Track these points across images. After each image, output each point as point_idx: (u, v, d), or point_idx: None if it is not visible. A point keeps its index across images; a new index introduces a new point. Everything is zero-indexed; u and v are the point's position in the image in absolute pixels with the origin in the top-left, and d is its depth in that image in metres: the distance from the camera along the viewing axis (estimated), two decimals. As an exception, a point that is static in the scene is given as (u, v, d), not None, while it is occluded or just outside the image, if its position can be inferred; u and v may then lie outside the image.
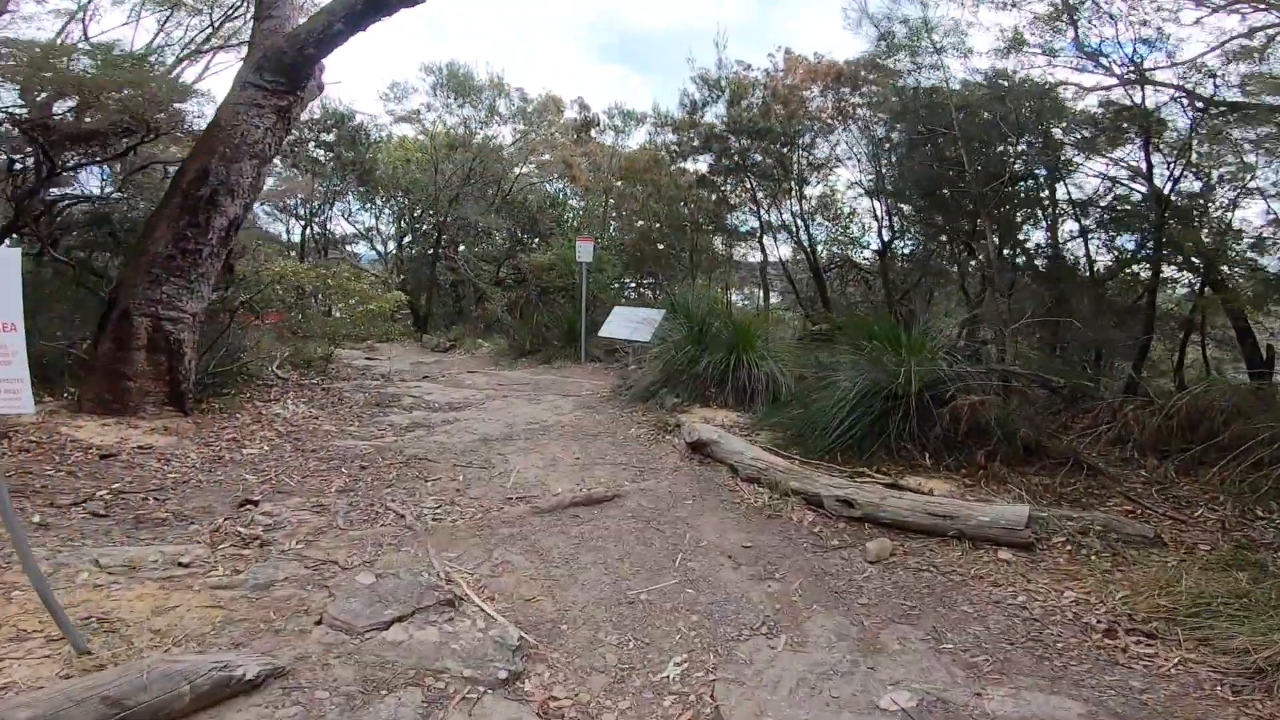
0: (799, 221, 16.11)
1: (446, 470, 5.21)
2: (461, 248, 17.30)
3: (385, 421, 6.72)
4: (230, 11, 10.21)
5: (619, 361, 11.26)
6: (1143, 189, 7.88)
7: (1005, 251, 8.64)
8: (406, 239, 20.86)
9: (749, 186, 14.74)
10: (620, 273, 15.42)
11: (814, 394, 5.94)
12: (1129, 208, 8.09)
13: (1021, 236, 9.33)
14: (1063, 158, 8.13)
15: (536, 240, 17.81)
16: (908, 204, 12.18)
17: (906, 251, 15.09)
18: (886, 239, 14.06)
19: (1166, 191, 7.47)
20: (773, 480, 4.71)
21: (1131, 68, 7.46)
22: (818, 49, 15.17)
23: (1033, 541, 4.04)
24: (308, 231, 20.54)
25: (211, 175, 5.99)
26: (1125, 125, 7.58)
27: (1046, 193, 9.09)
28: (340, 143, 18.58)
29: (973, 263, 10.25)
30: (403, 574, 3.40)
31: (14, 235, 7.73)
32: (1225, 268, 7.29)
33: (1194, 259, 7.38)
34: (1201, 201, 7.66)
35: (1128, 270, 8.34)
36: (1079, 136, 8.00)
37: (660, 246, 17.37)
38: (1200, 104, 7.04)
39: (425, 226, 18.80)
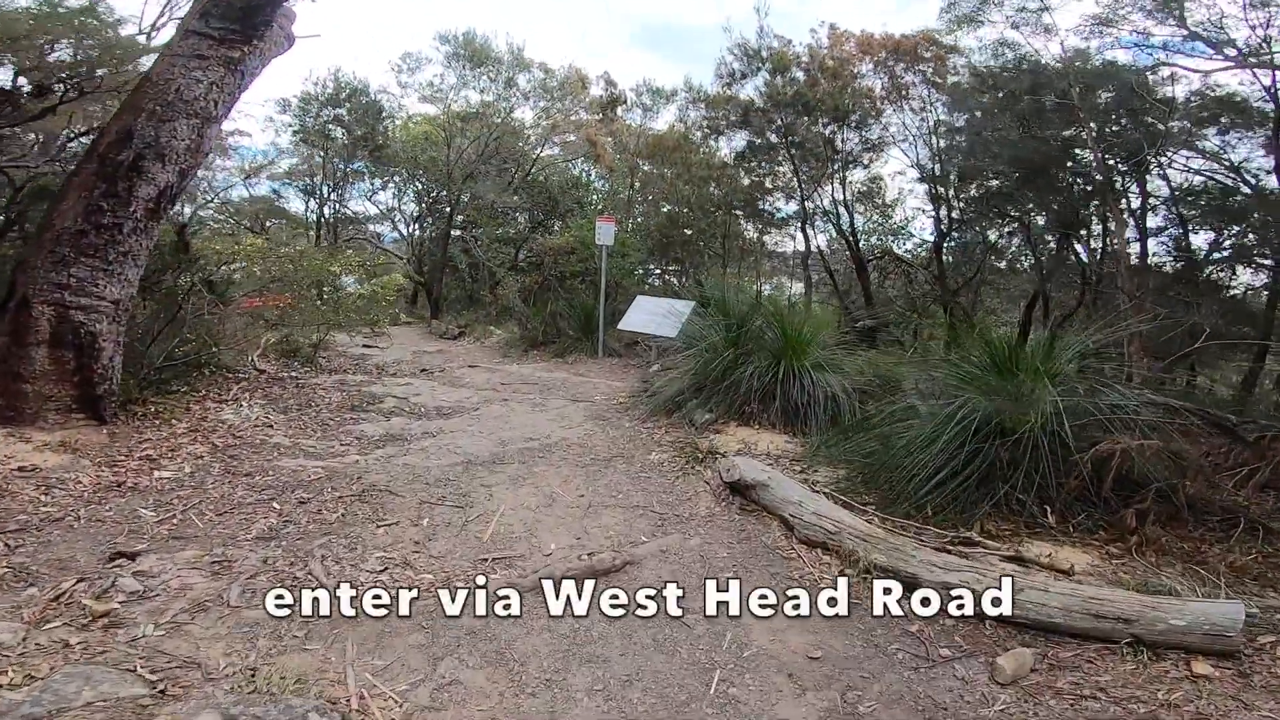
0: (841, 208, 14.65)
1: (410, 509, 3.99)
2: (479, 230, 16.11)
3: (354, 432, 5.53)
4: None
5: (639, 358, 9.99)
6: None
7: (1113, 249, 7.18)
8: (423, 220, 19.78)
9: (791, 167, 13.30)
10: (644, 258, 14.09)
11: (888, 420, 4.61)
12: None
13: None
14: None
15: (557, 223, 16.56)
16: (979, 188, 10.69)
17: (962, 243, 13.55)
18: (944, 229, 12.57)
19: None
20: (847, 549, 3.41)
21: None
22: (864, 27, 13.61)
23: (1240, 648, 2.74)
24: (324, 211, 19.55)
25: (136, 137, 4.82)
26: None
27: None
28: (351, 116, 17.49)
29: (1076, 257, 8.74)
30: (287, 703, 2.19)
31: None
32: None
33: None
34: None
35: None
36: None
37: (688, 232, 16.02)
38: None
39: (442, 206, 17.68)
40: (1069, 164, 6.56)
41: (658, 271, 18.13)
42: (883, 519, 3.76)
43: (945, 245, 12.79)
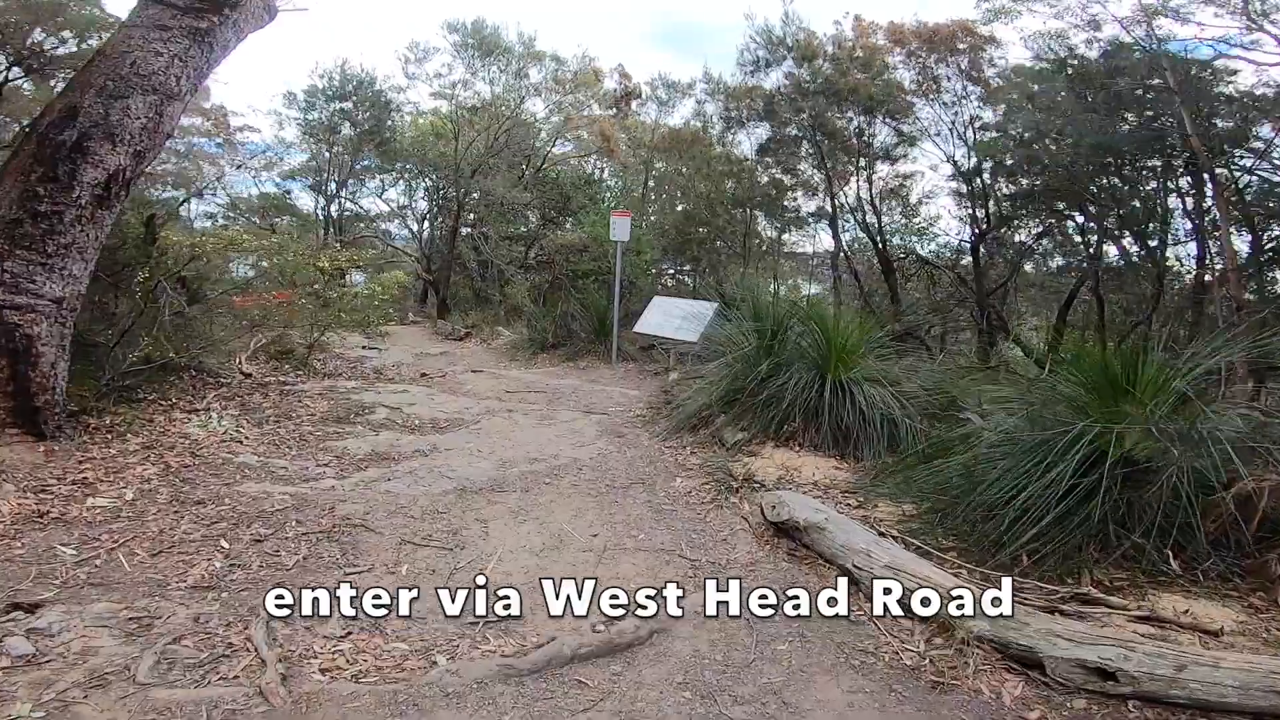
0: (867, 206, 13.87)
1: (387, 551, 3.29)
2: (487, 227, 15.46)
3: (335, 449, 4.85)
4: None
5: (656, 363, 9.28)
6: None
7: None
8: (432, 217, 19.16)
9: (817, 160, 12.53)
10: (658, 256, 13.37)
11: (961, 444, 3.86)
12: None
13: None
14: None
15: (569, 220, 15.87)
16: (1031, 181, 9.86)
17: (996, 242, 12.72)
18: (982, 228, 11.76)
19: None
20: (940, 616, 2.67)
21: None
22: (892, 19, 12.81)
23: None
24: (332, 208, 18.97)
25: (82, 115, 4.18)
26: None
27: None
28: (358, 109, 16.92)
29: (1145, 257, 7.94)
30: None
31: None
32: None
33: None
34: None
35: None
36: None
37: (703, 230, 15.26)
38: None
39: (450, 203, 17.05)
40: (1156, 151, 5.85)
41: (670, 271, 17.41)
42: (971, 570, 3.01)
43: (981, 245, 11.99)
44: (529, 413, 6.08)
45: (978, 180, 11.25)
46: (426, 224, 19.57)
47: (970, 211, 11.98)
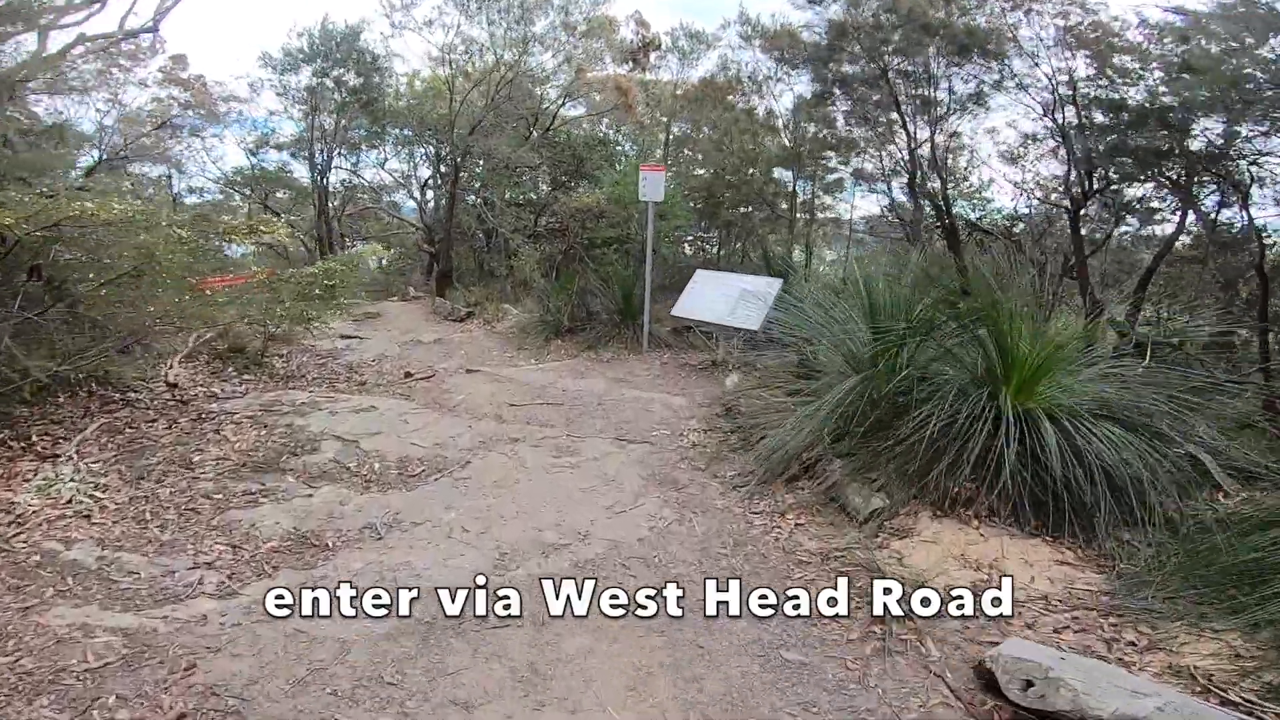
0: (928, 166, 11.83)
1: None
2: (490, 192, 13.57)
3: (234, 529, 3.11)
4: None
5: (696, 349, 7.50)
6: None
7: None
8: (435, 184, 17.24)
9: (888, 110, 10.42)
10: (691, 219, 11.49)
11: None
12: None
13: None
14: None
15: (583, 184, 13.91)
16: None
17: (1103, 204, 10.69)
18: (1084, 188, 9.74)
19: None
20: None
21: None
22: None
23: None
24: (325, 179, 17.06)
25: None
26: None
27: None
28: (340, 66, 14.88)
29: None
30: None
31: None
32: None
33: None
34: None
35: None
36: None
37: (730, 194, 13.23)
38: None
39: (448, 166, 15.10)
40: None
41: (688, 238, 15.41)
42: None
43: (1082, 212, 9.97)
44: (540, 443, 4.30)
45: (1078, 142, 9.20)
46: (430, 193, 17.69)
47: (1067, 174, 9.95)
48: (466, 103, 13.07)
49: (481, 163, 13.88)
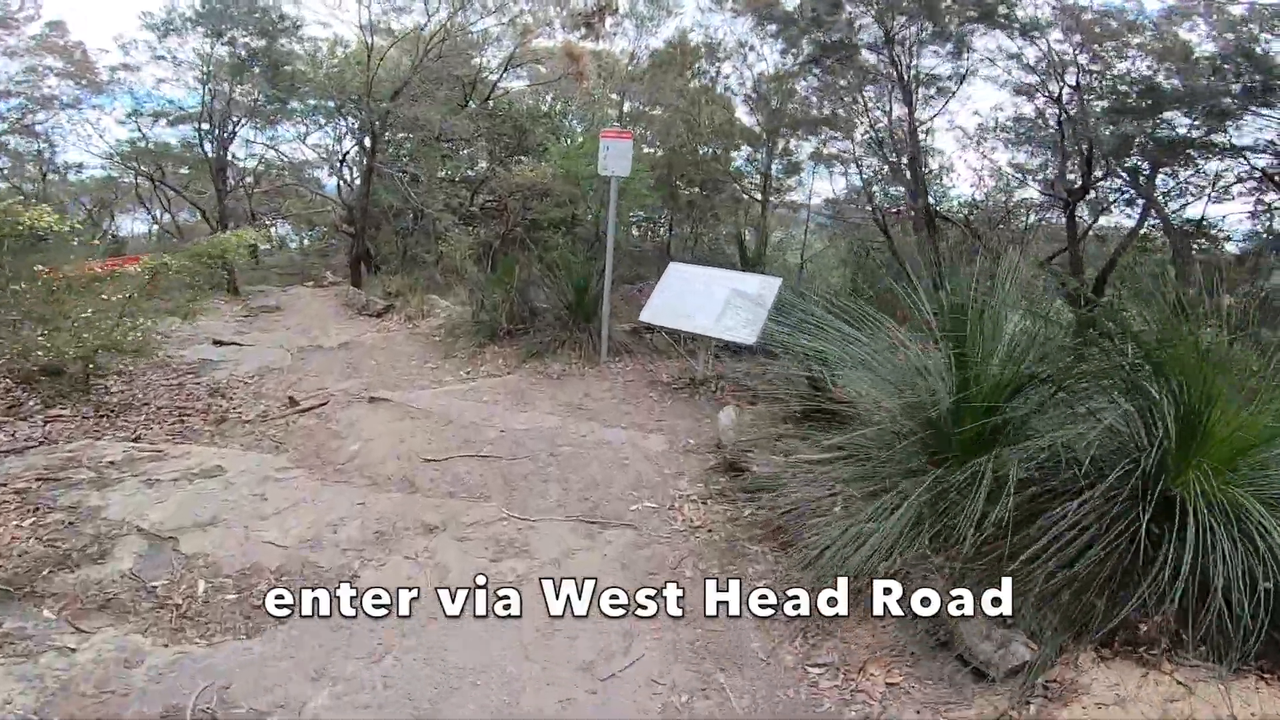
0: (912, 146, 10.81)
1: None
2: (414, 165, 11.79)
3: None
4: None
5: (663, 354, 6.23)
6: None
7: None
8: (357, 159, 15.18)
9: (890, 75, 9.24)
10: (656, 201, 10.13)
11: None
12: None
13: None
14: None
15: (526, 160, 12.29)
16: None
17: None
18: (1086, 175, 8.87)
19: None
20: None
21: None
22: None
23: None
24: (223, 153, 14.72)
25: None
26: None
27: None
28: (240, 25, 12.63)
29: None
30: None
31: None
32: None
33: None
34: None
35: None
36: None
37: (685, 174, 11.89)
38: None
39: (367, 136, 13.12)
40: None
41: (635, 220, 14.01)
42: None
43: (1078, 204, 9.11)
44: (469, 532, 2.90)
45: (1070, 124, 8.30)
46: (355, 170, 15.62)
47: (1061, 161, 9.06)
48: (392, 66, 11.27)
49: (411, 136, 12.11)
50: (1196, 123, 7.14)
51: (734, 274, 5.43)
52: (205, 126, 13.38)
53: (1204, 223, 8.93)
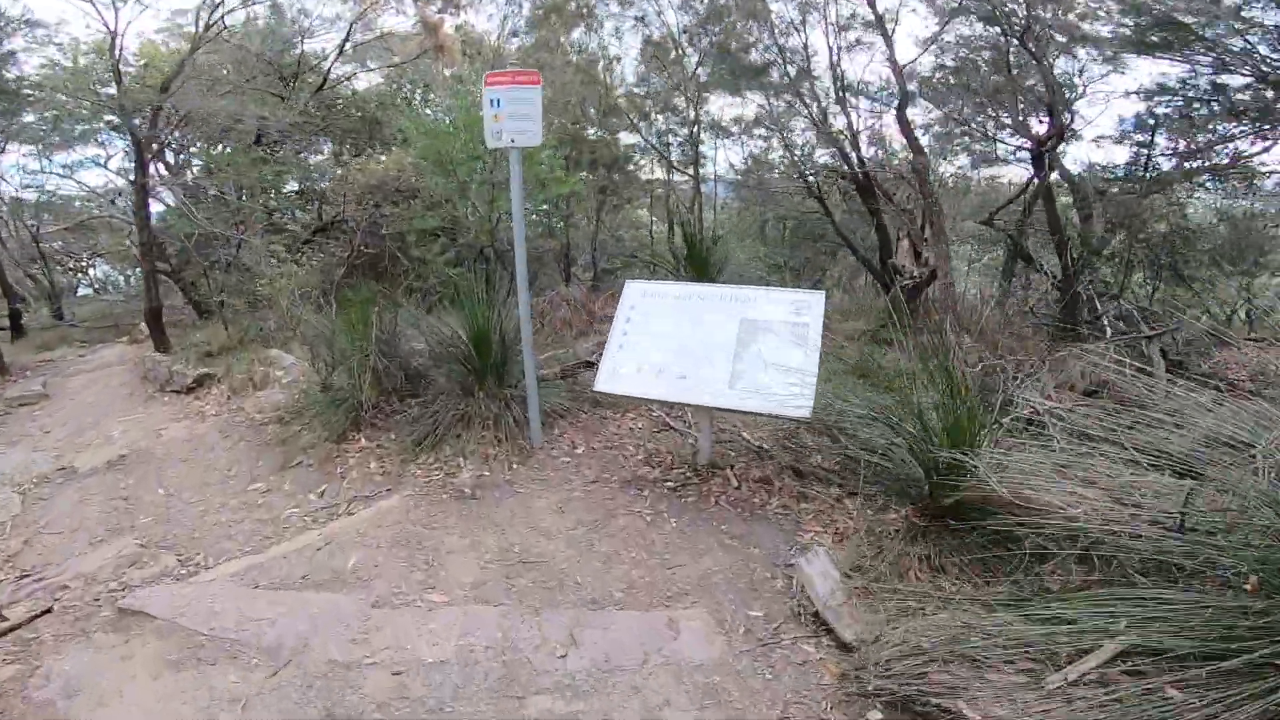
0: (825, 97, 9.25)
1: None
2: (217, 178, 8.90)
3: None
4: None
5: (613, 408, 4.25)
6: None
7: None
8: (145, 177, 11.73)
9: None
10: (582, 186, 7.95)
11: None
12: None
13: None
14: None
15: (382, 152, 9.67)
16: None
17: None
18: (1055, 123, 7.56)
19: None
20: None
21: None
22: None
23: None
24: None
25: None
26: None
27: None
28: None
29: None
30: None
31: None
32: None
33: None
34: None
35: None
36: None
37: (586, 156, 9.81)
38: None
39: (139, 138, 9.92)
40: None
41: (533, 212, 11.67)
42: None
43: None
44: None
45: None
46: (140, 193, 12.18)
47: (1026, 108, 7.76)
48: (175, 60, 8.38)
49: (229, 143, 9.24)
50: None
51: (733, 291, 3.41)
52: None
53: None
